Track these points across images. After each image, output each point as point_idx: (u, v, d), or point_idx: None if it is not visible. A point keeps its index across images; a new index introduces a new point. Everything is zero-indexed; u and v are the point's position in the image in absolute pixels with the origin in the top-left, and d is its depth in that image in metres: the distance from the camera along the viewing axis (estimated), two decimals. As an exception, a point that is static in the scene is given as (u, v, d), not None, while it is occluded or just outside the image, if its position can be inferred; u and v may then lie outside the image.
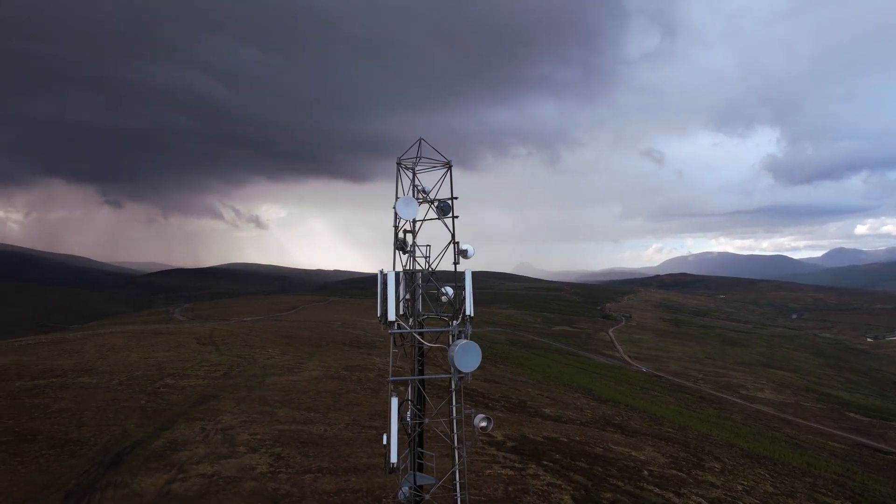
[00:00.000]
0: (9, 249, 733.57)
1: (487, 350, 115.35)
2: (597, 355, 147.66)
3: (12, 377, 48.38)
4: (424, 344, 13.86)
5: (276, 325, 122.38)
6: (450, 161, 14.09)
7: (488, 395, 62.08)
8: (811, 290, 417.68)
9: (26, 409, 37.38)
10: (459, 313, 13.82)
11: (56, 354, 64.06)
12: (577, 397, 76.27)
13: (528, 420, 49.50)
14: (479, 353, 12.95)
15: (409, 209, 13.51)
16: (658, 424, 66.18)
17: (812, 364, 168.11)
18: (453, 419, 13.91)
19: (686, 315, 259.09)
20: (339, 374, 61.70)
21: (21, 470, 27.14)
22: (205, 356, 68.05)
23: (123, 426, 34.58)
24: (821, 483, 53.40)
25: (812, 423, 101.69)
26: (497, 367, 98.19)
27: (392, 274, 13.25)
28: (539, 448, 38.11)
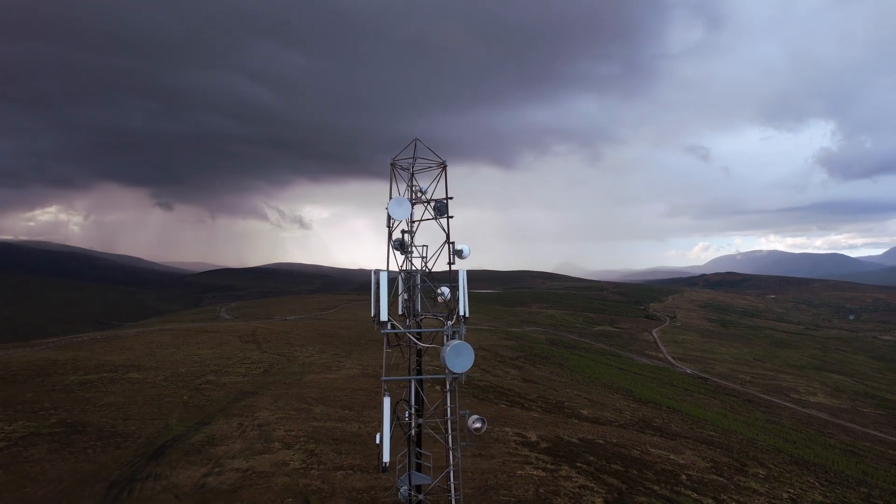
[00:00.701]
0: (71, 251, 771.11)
1: (527, 350, 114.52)
2: (639, 356, 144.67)
3: (68, 371, 50.74)
4: (418, 344, 13.83)
5: (317, 323, 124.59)
6: (444, 161, 14.14)
7: (525, 395, 61.63)
8: (870, 290, 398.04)
9: (78, 402, 39.18)
10: (454, 313, 13.73)
11: (109, 350, 66.91)
12: (617, 399, 74.87)
13: (564, 421, 48.89)
14: (471, 354, 12.78)
15: (401, 210, 13.56)
16: (700, 428, 64.31)
17: (871, 368, 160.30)
18: (447, 420, 13.82)
19: (733, 315, 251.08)
20: (376, 373, 62.32)
21: (71, 459, 28.48)
22: (246, 354, 69.88)
23: (166, 420, 35.85)
24: (877, 493, 50.85)
25: (870, 430, 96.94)
26: (536, 367, 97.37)
27: (384, 274, 13.28)
28: (573, 450, 37.59)
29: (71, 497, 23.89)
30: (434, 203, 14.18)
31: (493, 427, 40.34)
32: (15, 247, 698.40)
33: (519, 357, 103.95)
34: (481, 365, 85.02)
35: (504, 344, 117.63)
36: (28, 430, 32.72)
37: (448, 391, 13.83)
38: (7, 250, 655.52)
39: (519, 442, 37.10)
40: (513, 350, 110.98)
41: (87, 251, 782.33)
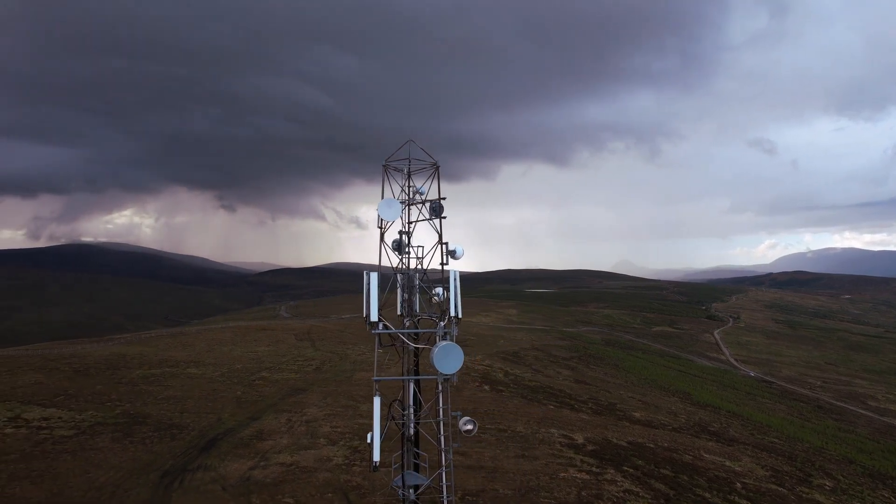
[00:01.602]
0: (143, 251, 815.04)
1: (581, 350, 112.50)
2: (700, 358, 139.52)
3: (135, 366, 53.66)
4: (410, 345, 13.74)
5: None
6: (437, 162, 14.04)
7: (576, 396, 60.57)
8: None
9: (141, 395, 41.36)
10: (447, 314, 13.55)
11: (173, 347, 70.27)
12: (673, 401, 72.46)
13: (614, 423, 47.73)
14: (460, 355, 12.49)
15: (391, 211, 13.50)
16: (762, 434, 61.37)
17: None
18: (440, 421, 13.68)
19: (803, 316, 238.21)
20: (425, 372, 62.79)
21: (130, 448, 30.09)
22: (301, 351, 71.83)
23: (219, 414, 37.31)
24: (960, 509, 47.15)
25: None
26: (590, 368, 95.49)
27: (374, 275, 13.26)
28: (621, 453, 36.63)
29: (127, 484, 25.23)
30: (429, 204, 14.10)
31: (538, 428, 39.85)
32: (96, 248, 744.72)
33: (573, 357, 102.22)
34: (533, 365, 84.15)
35: (558, 344, 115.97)
36: (95, 420, 34.80)
37: (440, 392, 13.70)
38: (89, 251, 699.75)
39: (564, 444, 36.48)
40: (566, 350, 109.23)
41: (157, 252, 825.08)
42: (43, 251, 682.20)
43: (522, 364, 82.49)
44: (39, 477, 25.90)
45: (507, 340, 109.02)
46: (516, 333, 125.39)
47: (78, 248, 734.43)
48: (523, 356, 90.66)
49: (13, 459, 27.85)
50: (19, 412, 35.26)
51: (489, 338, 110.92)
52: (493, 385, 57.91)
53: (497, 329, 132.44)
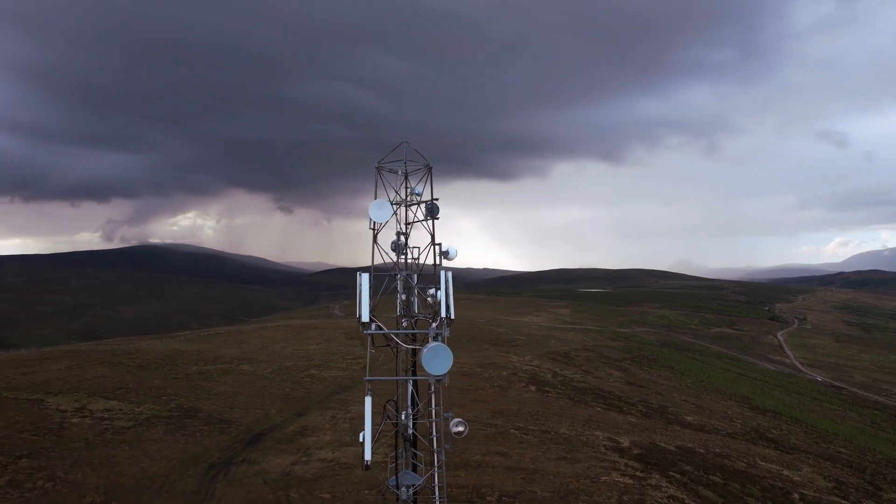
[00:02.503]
0: (206, 252, 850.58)
1: (634, 351, 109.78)
2: (762, 360, 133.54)
3: (191, 362, 56.02)
4: (402, 345, 13.68)
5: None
6: (430, 163, 14.05)
7: (625, 398, 59.11)
8: None
9: (195, 390, 43.15)
10: (443, 315, 13.42)
11: (228, 344, 72.95)
12: (730, 405, 69.64)
13: (663, 427, 46.30)
14: (450, 356, 12.37)
15: (381, 212, 13.56)
16: (827, 442, 58.12)
17: None
18: (432, 422, 13.55)
19: (879, 318, 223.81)
20: (471, 371, 62.67)
21: (181, 441, 31.45)
22: (350, 349, 73.10)
23: (266, 410, 38.48)
24: None
25: None
26: (643, 369, 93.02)
27: (366, 276, 13.27)
28: (668, 457, 35.49)
29: (176, 474, 26.38)
30: (424, 205, 14.14)
31: (582, 431, 39.12)
32: (162, 249, 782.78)
33: (625, 359, 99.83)
34: (583, 366, 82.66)
35: (610, 345, 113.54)
36: (152, 413, 36.55)
37: (432, 393, 13.62)
38: (156, 252, 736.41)
39: (609, 447, 35.66)
40: (619, 351, 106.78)
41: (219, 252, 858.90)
42: (116, 252, 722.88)
43: (572, 365, 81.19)
44: (99, 464, 27.43)
45: (557, 341, 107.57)
46: (567, 334, 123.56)
47: (147, 249, 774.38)
48: (573, 357, 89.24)
49: (77, 447, 29.62)
50: (85, 403, 37.45)
51: (539, 338, 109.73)
52: (540, 386, 57.24)
53: (548, 329, 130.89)
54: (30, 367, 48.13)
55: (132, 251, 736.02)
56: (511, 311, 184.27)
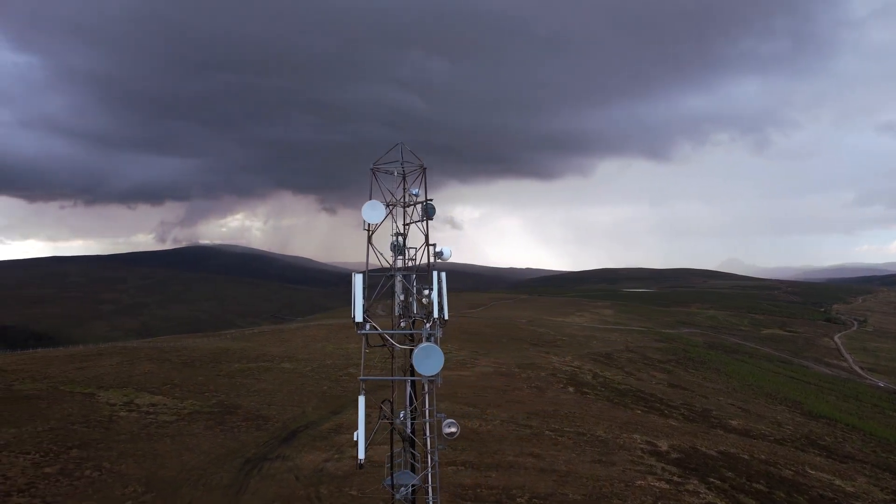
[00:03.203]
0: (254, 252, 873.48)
1: (680, 353, 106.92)
2: (816, 364, 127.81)
3: (234, 360, 57.61)
4: (396, 346, 13.61)
5: (462, 321, 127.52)
6: (424, 165, 14.04)
7: (668, 400, 57.61)
8: None
9: (235, 387, 44.35)
10: (436, 316, 13.33)
11: (272, 342, 74.72)
12: (780, 410, 66.94)
13: (706, 431, 44.90)
14: (440, 357, 12.32)
15: (374, 213, 13.60)
16: (887, 452, 55.10)
17: None
18: (426, 422, 13.40)
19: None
20: (509, 372, 62.30)
21: (220, 436, 32.37)
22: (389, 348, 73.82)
23: (303, 408, 39.20)
24: None
25: None
26: (688, 371, 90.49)
27: (359, 277, 13.29)
28: (709, 463, 34.38)
29: (213, 468, 27.17)
30: (419, 206, 14.13)
31: (620, 433, 38.31)
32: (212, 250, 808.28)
33: (669, 360, 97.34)
34: (625, 367, 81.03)
35: (654, 346, 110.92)
36: (194, 408, 37.77)
37: (426, 393, 13.50)
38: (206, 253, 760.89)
39: (646, 450, 34.80)
40: (663, 353, 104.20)
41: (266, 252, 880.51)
42: (169, 253, 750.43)
43: (614, 366, 79.70)
44: (142, 457, 28.52)
45: (599, 341, 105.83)
46: (610, 334, 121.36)
47: (197, 249, 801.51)
48: (616, 358, 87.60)
49: (123, 439, 30.89)
50: (133, 398, 39.01)
51: (581, 338, 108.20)
52: (579, 387, 56.40)
53: (590, 329, 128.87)
54: (85, 362, 50.46)
55: (184, 252, 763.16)
56: (553, 311, 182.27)
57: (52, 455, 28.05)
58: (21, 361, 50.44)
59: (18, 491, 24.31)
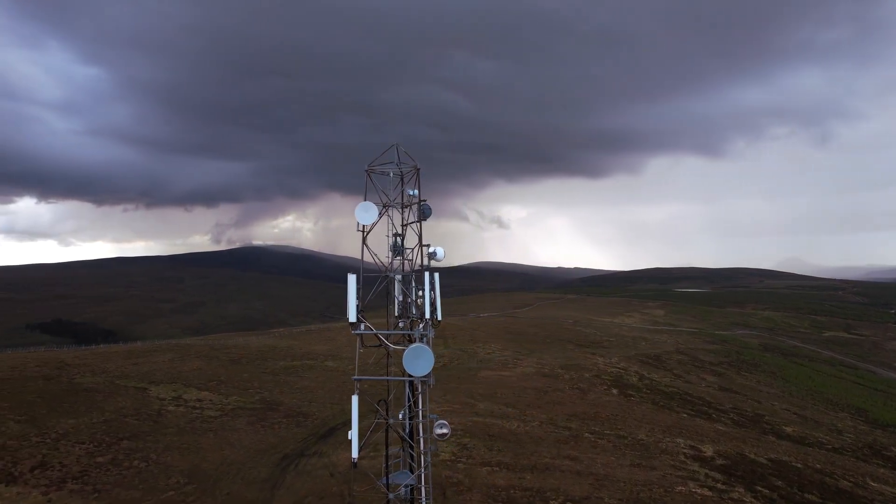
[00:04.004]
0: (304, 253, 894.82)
1: (733, 355, 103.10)
2: (885, 369, 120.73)
3: (280, 357, 59.10)
4: (389, 346, 13.48)
5: (506, 321, 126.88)
6: (418, 166, 14.04)
7: (716, 404, 55.58)
8: None
9: (279, 384, 45.47)
10: (428, 317, 13.20)
11: (318, 341, 76.24)
12: (841, 417, 63.57)
13: (756, 437, 43.05)
14: (430, 358, 12.30)
15: (367, 215, 13.56)
16: (959, 462, 51.52)
17: None
18: (418, 423, 13.20)
19: None
20: (552, 373, 61.53)
21: (261, 432, 33.23)
22: (433, 348, 74.10)
23: (343, 406, 39.75)
24: None
25: None
26: (741, 374, 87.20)
27: (352, 277, 13.29)
28: (757, 470, 32.93)
29: (252, 462, 27.92)
30: (415, 207, 14.05)
31: (662, 437, 37.20)
32: (265, 250, 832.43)
33: (721, 363, 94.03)
34: (674, 370, 78.77)
35: (706, 347, 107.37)
36: (238, 404, 38.93)
37: (419, 394, 13.34)
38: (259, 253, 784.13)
39: (690, 455, 33.65)
40: (715, 355, 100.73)
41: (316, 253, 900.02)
42: (223, 253, 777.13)
43: (662, 368, 77.58)
44: (186, 449, 29.59)
45: (648, 343, 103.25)
46: (660, 335, 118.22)
47: (250, 250, 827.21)
48: (664, 360, 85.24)
49: (170, 433, 32.13)
50: (181, 393, 40.54)
51: (629, 339, 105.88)
52: (623, 389, 55.12)
53: (639, 330, 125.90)
54: (140, 358, 52.79)
55: (237, 252, 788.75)
56: (601, 311, 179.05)
57: (105, 445, 29.45)
58: (83, 356, 53.20)
59: (73, 478, 25.65)
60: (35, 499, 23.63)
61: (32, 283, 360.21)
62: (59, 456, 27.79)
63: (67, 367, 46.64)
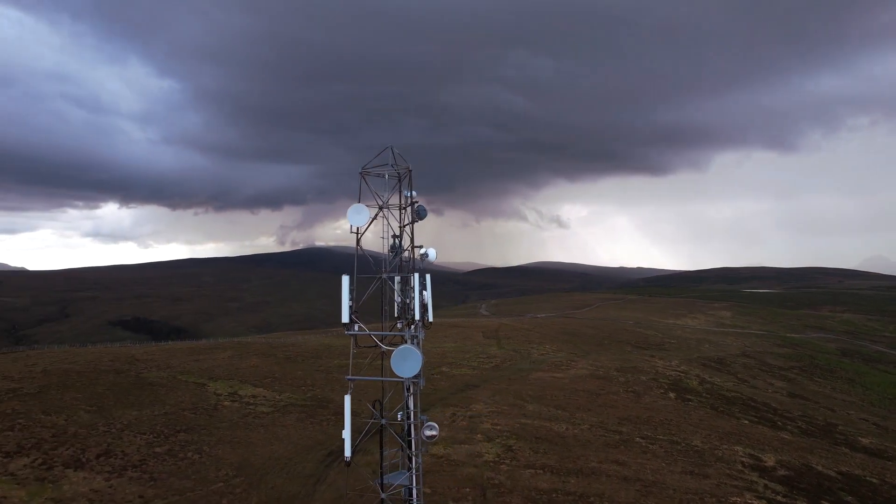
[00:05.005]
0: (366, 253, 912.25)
1: (806, 360, 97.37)
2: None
3: (335, 356, 60.34)
4: (382, 346, 13.30)
5: (563, 322, 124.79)
6: (410, 168, 14.10)
7: (784, 411, 52.59)
8: None
9: (330, 382, 46.40)
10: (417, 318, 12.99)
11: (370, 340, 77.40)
12: (927, 429, 58.76)
13: (825, 448, 40.39)
14: (418, 359, 12.31)
15: (359, 217, 13.50)
16: None
17: None
18: (411, 423, 12.90)
19: None
20: (607, 375, 60.02)
21: (310, 428, 33.99)
22: (485, 349, 73.75)
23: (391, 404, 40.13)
24: None
25: None
26: (813, 380, 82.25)
27: (346, 278, 13.25)
28: (824, 484, 30.87)
29: (298, 458, 28.59)
30: (410, 208, 13.89)
31: (719, 444, 35.50)
32: (328, 251, 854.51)
33: (792, 367, 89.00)
34: (738, 374, 75.24)
35: (776, 351, 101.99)
36: (290, 401, 39.99)
37: (410, 395, 13.16)
38: (322, 254, 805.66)
39: (748, 464, 31.95)
40: (786, 359, 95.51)
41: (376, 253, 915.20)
42: (287, 254, 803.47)
43: (725, 372, 74.24)
44: (238, 443, 30.65)
45: (712, 345, 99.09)
46: (725, 338, 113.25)
47: (313, 251, 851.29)
48: (729, 363, 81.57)
49: (223, 427, 33.38)
50: (237, 389, 42.07)
51: (692, 342, 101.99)
52: (681, 393, 53.03)
53: (703, 332, 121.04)
54: (202, 354, 55.18)
55: (301, 253, 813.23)
56: (664, 312, 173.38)
57: (163, 437, 30.92)
58: (152, 352, 56.15)
59: (132, 466, 27.05)
60: (98, 484, 25.07)
61: (115, 282, 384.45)
62: (121, 445, 29.38)
63: (137, 362, 49.32)
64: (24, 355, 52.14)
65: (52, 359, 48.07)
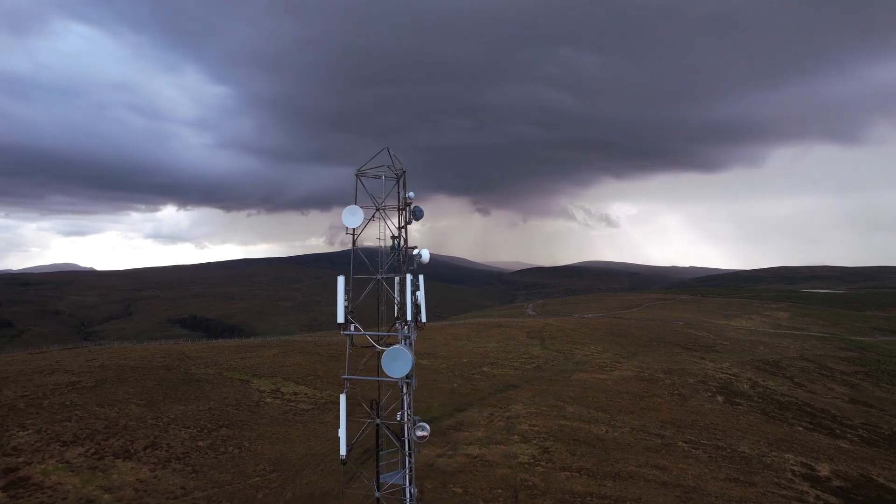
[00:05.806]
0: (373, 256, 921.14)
1: (872, 364, 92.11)
2: None
3: (377, 354, 61.01)
4: (377, 346, 13.18)
5: (609, 322, 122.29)
6: (404, 169, 14.19)
7: (843, 418, 49.85)
8: None
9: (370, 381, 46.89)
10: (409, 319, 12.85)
11: (417, 340, 77.82)
12: None
13: (890, 459, 38.00)
14: (408, 359, 12.44)
15: (353, 218, 13.37)
16: None
17: None
18: (404, 423, 12.68)
19: None
20: (652, 377, 58.45)
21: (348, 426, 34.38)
22: (528, 349, 73.03)
23: (430, 403, 40.22)
24: None
25: None
26: (880, 386, 77.66)
27: (341, 279, 13.18)
28: (885, 497, 29.06)
29: (334, 455, 29.02)
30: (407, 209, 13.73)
31: (768, 451, 33.93)
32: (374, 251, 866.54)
33: (856, 372, 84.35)
34: (795, 377, 71.89)
35: (837, 355, 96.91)
36: (330, 399, 40.64)
37: (403, 395, 12.98)
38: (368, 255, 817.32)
39: (799, 473, 30.42)
40: (849, 363, 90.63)
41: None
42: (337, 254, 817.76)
43: (781, 375, 71.04)
44: (277, 439, 31.35)
45: (767, 347, 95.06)
46: (782, 340, 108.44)
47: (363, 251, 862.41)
48: (785, 366, 78.01)
49: (264, 423, 34.21)
50: (279, 386, 43.06)
51: (746, 343, 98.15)
52: (730, 396, 51.05)
53: (758, 334, 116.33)
54: (248, 352, 56.78)
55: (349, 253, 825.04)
56: (717, 313, 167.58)
57: (206, 431, 31.94)
58: (201, 349, 58.17)
59: (176, 458, 28.07)
60: (144, 474, 26.12)
61: (173, 282, 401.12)
62: (167, 438, 30.52)
63: (186, 358, 51.17)
64: (86, 350, 54.92)
65: (109, 354, 50.45)
